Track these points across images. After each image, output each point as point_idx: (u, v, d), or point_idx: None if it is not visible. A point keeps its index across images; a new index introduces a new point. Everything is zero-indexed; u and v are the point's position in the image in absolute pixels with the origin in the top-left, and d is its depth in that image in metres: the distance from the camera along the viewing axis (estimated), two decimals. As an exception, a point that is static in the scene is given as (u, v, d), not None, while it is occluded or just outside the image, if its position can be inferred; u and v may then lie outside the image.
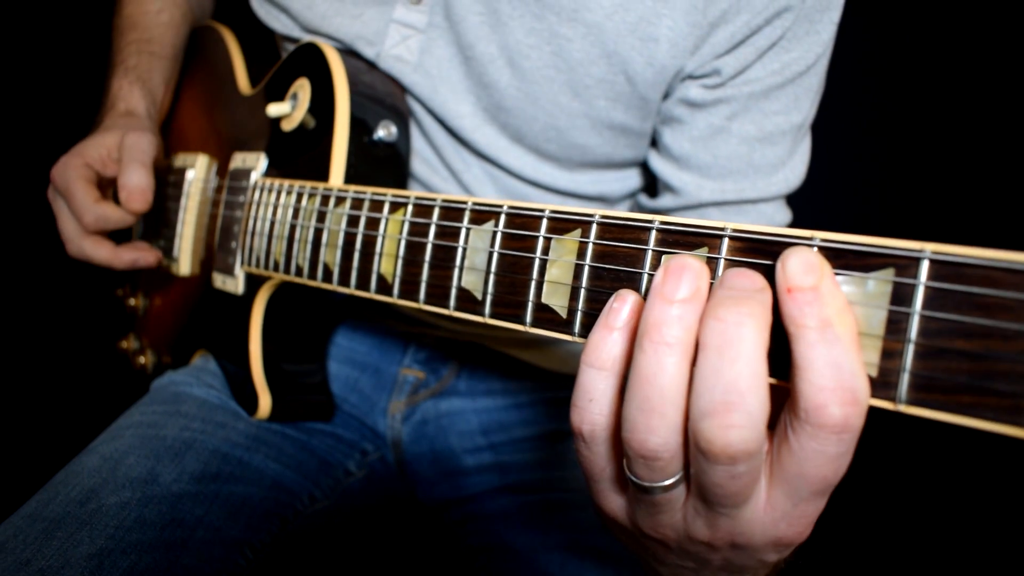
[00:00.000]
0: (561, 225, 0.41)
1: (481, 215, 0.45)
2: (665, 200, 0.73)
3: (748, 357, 0.29)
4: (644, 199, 0.79)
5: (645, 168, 0.78)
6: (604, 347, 0.34)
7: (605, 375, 0.34)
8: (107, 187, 0.78)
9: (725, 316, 0.29)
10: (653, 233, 0.37)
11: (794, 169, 0.70)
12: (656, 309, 0.32)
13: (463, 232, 0.46)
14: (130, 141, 0.74)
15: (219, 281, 0.75)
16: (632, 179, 0.79)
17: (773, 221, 0.72)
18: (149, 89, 0.82)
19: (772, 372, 0.33)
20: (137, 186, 0.71)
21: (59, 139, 1.53)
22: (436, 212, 0.48)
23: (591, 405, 0.35)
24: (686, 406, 0.31)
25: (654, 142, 0.73)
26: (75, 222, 0.74)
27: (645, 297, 0.36)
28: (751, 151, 0.68)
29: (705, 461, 0.30)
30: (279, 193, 0.66)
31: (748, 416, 0.28)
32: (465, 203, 0.47)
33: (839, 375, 0.28)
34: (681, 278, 0.32)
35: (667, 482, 0.33)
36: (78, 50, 1.50)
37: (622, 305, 0.35)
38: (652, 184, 0.78)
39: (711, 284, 0.33)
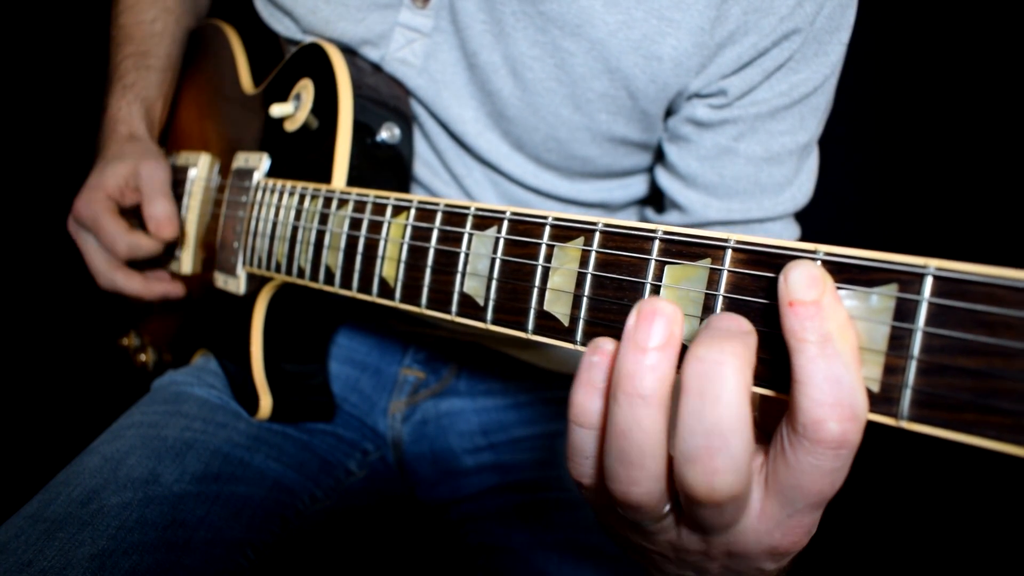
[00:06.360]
0: (564, 232, 0.41)
1: (484, 221, 0.45)
2: (672, 217, 0.73)
3: (729, 399, 0.28)
4: (651, 214, 0.79)
5: (650, 175, 0.78)
6: (589, 406, 0.33)
7: (593, 434, 0.34)
8: (128, 216, 0.80)
9: (706, 356, 0.29)
10: (656, 243, 0.37)
11: (801, 187, 0.70)
12: (629, 359, 0.30)
13: (466, 237, 0.46)
14: (147, 172, 0.77)
15: (220, 281, 0.75)
16: (635, 186, 0.78)
17: (781, 238, 0.72)
18: (147, 107, 0.85)
19: (772, 385, 0.33)
20: (164, 215, 0.76)
21: (57, 138, 1.54)
22: (439, 217, 0.48)
23: (587, 462, 0.35)
24: (668, 452, 0.31)
25: (661, 157, 0.73)
26: (105, 254, 0.77)
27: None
28: (758, 171, 0.68)
29: (690, 503, 0.30)
30: (281, 194, 0.66)
31: (731, 460, 0.28)
32: (468, 208, 0.46)
33: (838, 390, 0.28)
34: (652, 323, 0.30)
35: (655, 518, 0.34)
36: (77, 52, 1.49)
37: (602, 359, 0.33)
38: (659, 196, 0.78)
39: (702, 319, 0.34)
